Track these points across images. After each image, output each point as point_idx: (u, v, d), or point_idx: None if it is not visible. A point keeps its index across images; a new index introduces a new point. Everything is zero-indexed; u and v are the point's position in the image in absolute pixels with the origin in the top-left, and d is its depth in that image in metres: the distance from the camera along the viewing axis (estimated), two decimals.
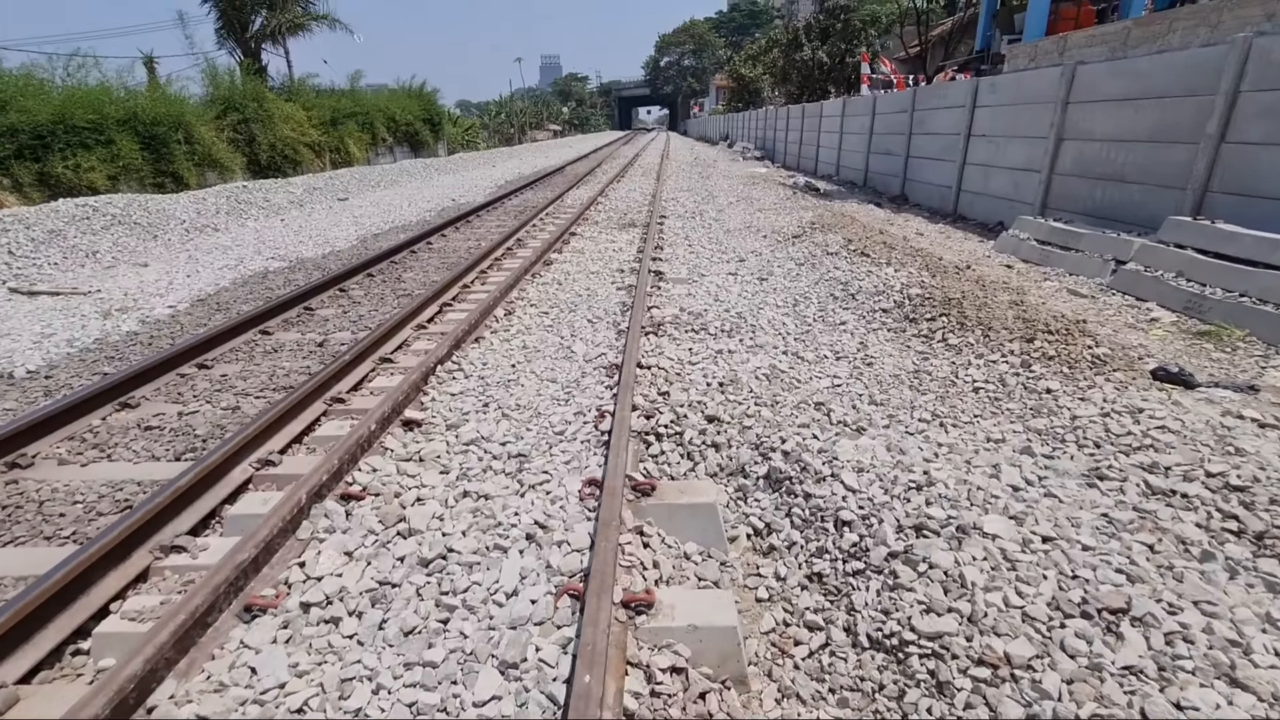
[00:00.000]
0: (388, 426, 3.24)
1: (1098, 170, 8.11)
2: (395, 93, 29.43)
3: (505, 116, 64.42)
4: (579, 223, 9.80)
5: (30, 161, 12.00)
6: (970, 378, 3.94)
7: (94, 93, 13.52)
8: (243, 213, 12.20)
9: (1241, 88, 6.16)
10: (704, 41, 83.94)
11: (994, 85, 10.52)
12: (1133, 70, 7.57)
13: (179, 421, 3.49)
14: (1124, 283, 6.40)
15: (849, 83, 25.95)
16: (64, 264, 8.07)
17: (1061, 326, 4.27)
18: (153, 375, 3.95)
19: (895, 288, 5.39)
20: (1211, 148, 6.44)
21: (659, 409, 3.30)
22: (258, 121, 18.19)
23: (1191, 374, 4.18)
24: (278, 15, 20.74)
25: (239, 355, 4.49)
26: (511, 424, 3.31)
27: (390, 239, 9.22)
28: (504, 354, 4.36)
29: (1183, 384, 4.10)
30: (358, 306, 5.70)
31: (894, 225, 10.42)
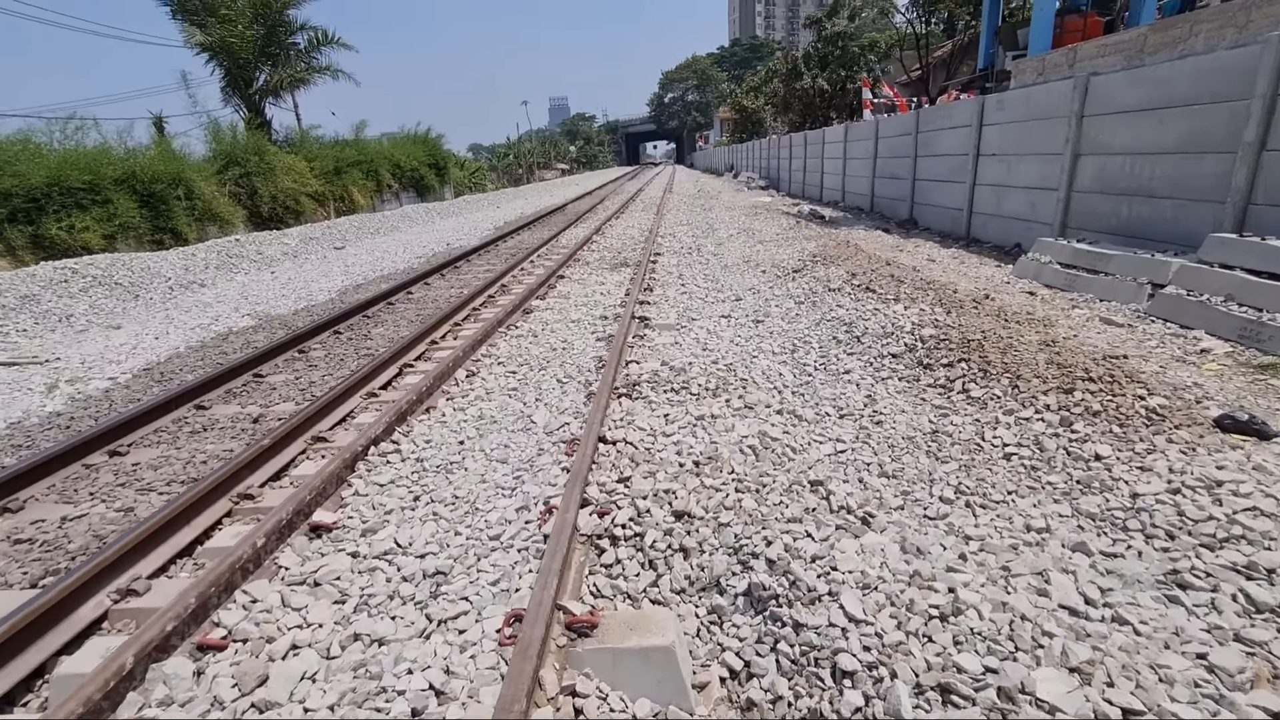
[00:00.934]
0: (289, 535, 2.68)
1: (1121, 186, 7.49)
2: (400, 140, 29.75)
3: (513, 158, 65.40)
4: (569, 264, 9.35)
5: (24, 224, 11.94)
6: (999, 440, 3.29)
7: (91, 154, 13.55)
8: (233, 266, 11.96)
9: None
10: (707, 76, 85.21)
11: (1001, 102, 10.01)
12: (1153, 78, 7.01)
13: (58, 531, 2.97)
14: (1164, 308, 5.73)
15: (851, 109, 25.71)
16: (33, 330, 7.75)
17: (1105, 372, 3.62)
18: (51, 469, 3.45)
19: (906, 328, 4.77)
20: (1252, 156, 5.81)
21: (617, 502, 2.70)
22: (259, 174, 18.25)
23: (1264, 421, 3.50)
24: (279, 71, 21.06)
25: (162, 437, 3.99)
26: (439, 526, 2.73)
27: (371, 289, 8.82)
28: (454, 427, 3.80)
29: (1255, 434, 3.42)
30: (314, 370, 5.21)
31: (903, 252, 9.83)
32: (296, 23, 21.64)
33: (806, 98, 25.85)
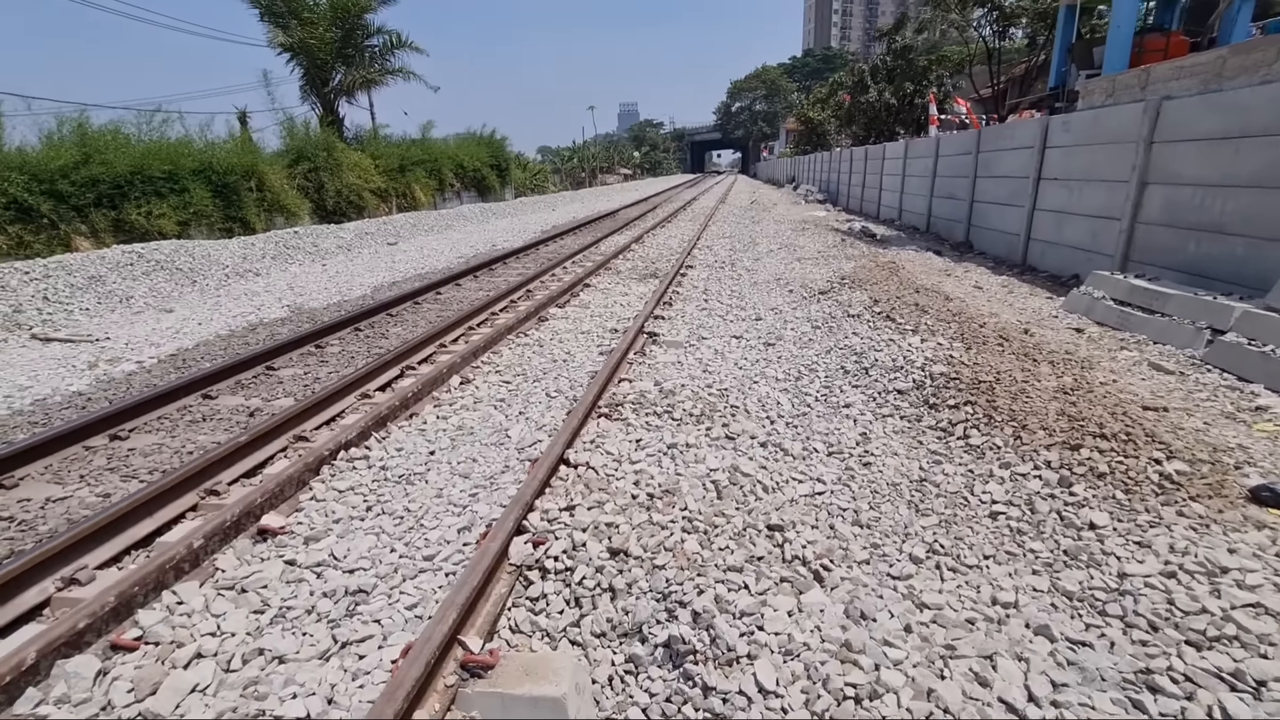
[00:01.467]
0: (234, 537, 2.72)
1: (1190, 219, 6.91)
2: (465, 140, 30.63)
3: (577, 161, 66.40)
4: (600, 272, 9.34)
5: (107, 209, 12.87)
6: (989, 495, 3.03)
7: (172, 146, 14.50)
8: (288, 258, 12.54)
9: None
10: (775, 87, 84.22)
11: (1067, 124, 9.41)
12: (1232, 104, 6.43)
13: (39, 511, 3.12)
14: (1221, 357, 5.22)
15: (918, 124, 24.84)
16: (95, 309, 8.32)
17: (1121, 429, 3.28)
18: (52, 449, 3.65)
19: (917, 362, 4.49)
20: None
21: (556, 532, 2.61)
22: (326, 170, 19.12)
23: None
24: (354, 71, 22.04)
25: (163, 425, 4.17)
26: (379, 540, 2.71)
27: (405, 287, 9.05)
28: (431, 436, 3.81)
29: None
30: (324, 366, 5.36)
31: (949, 277, 9.37)
32: (373, 26, 22.61)
33: (872, 111, 25.13)
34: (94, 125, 13.91)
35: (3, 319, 7.42)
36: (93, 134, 13.30)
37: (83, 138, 13.20)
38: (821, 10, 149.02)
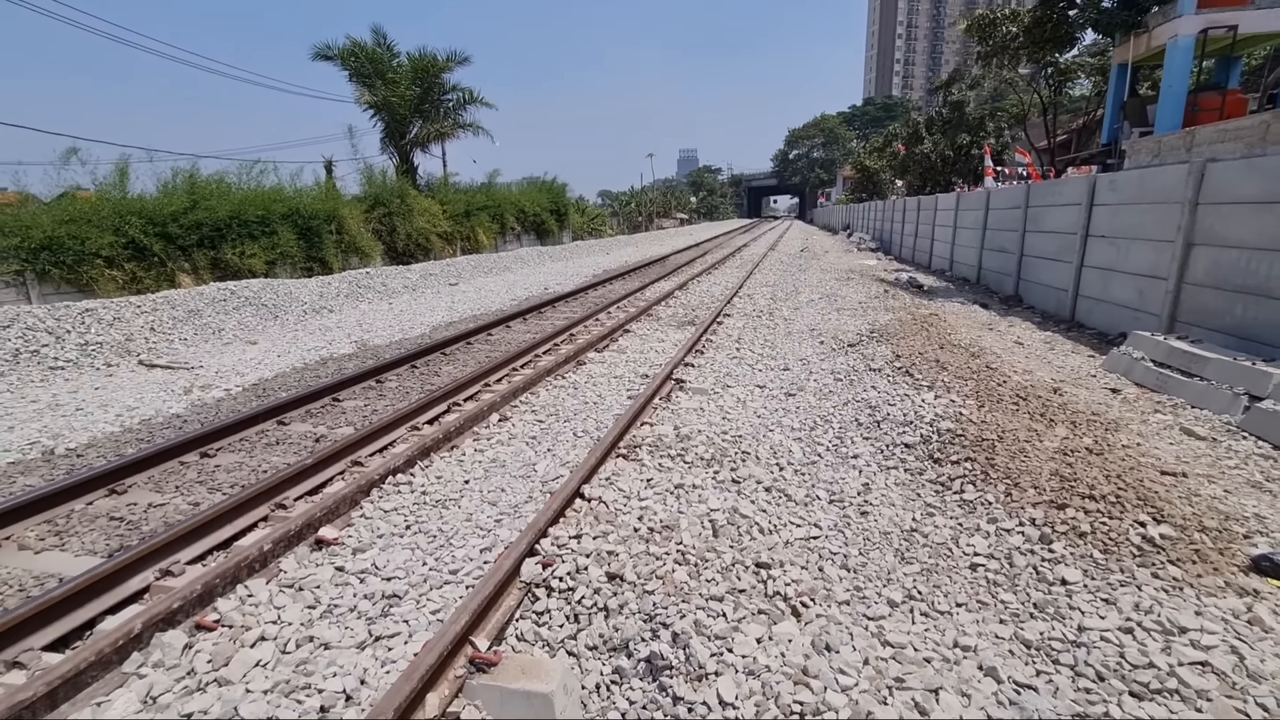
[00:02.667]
0: (296, 544, 3.20)
1: (1236, 282, 6.83)
2: (527, 187, 32.35)
3: (635, 205, 68.33)
4: (641, 318, 9.82)
5: (208, 249, 14.39)
6: (972, 548, 3.21)
7: (266, 193, 16.11)
8: (359, 296, 13.63)
9: None
10: (834, 135, 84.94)
11: (1114, 182, 9.42)
12: (1276, 169, 6.43)
13: (143, 514, 3.72)
14: (1257, 424, 5.15)
15: (976, 175, 24.72)
16: (192, 340, 9.37)
17: (1112, 491, 3.41)
18: (154, 462, 4.29)
19: (926, 418, 4.68)
20: None
21: (563, 556, 2.98)
22: (399, 214, 20.66)
23: None
24: (429, 125, 23.91)
25: (244, 445, 4.80)
26: (414, 555, 3.14)
27: (461, 327, 9.77)
28: (468, 467, 4.27)
29: None
30: (381, 399, 5.97)
31: (991, 331, 9.38)
32: (449, 84, 24.54)
33: (927, 162, 25.19)
34: (202, 175, 15.69)
35: (117, 346, 8.48)
36: (201, 183, 14.97)
37: (192, 186, 14.88)
38: (883, 60, 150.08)
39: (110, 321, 9.05)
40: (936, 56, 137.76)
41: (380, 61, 22.54)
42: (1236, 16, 10.45)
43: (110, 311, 9.30)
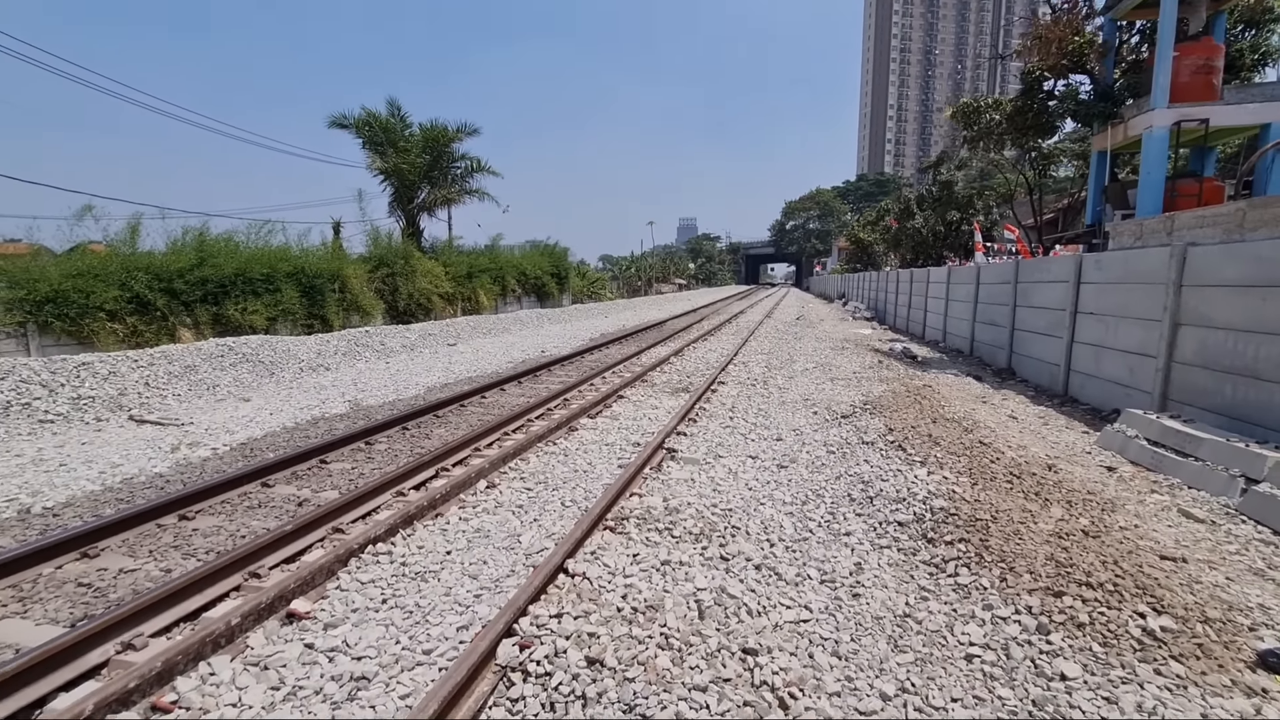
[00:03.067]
0: (267, 618, 3.09)
1: (1225, 363, 6.90)
2: (530, 251, 33.12)
3: (635, 270, 69.80)
4: (636, 384, 9.84)
5: (210, 305, 14.57)
6: (967, 637, 3.10)
7: (273, 252, 16.47)
8: (357, 355, 13.69)
9: None
10: (829, 207, 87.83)
11: (1099, 262, 9.68)
12: (1254, 255, 6.62)
13: (112, 580, 3.60)
14: (1256, 508, 5.09)
15: (966, 249, 25.40)
16: (186, 395, 9.33)
17: (1109, 578, 3.32)
18: (131, 524, 4.19)
19: (919, 495, 4.62)
20: None
21: (541, 636, 2.87)
22: (402, 275, 21.05)
23: None
24: (436, 191, 24.73)
25: (225, 509, 4.70)
26: (388, 632, 3.02)
27: (456, 389, 9.77)
28: (451, 537, 4.17)
29: None
30: (369, 462, 5.89)
31: (985, 405, 9.38)
32: (458, 153, 25.53)
33: (919, 236, 25.94)
34: (212, 233, 16.08)
35: (109, 401, 8.44)
36: (209, 241, 15.32)
37: (201, 244, 15.22)
38: (875, 139, 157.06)
39: (105, 375, 9.04)
40: (926, 136, 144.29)
41: (393, 131, 23.52)
42: (1207, 111, 11.04)
43: (106, 365, 9.31)
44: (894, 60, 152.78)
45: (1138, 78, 13.22)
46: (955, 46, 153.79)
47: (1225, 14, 12.90)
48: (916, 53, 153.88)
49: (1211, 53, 11.66)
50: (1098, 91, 13.61)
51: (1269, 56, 13.29)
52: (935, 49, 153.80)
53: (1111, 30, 13.93)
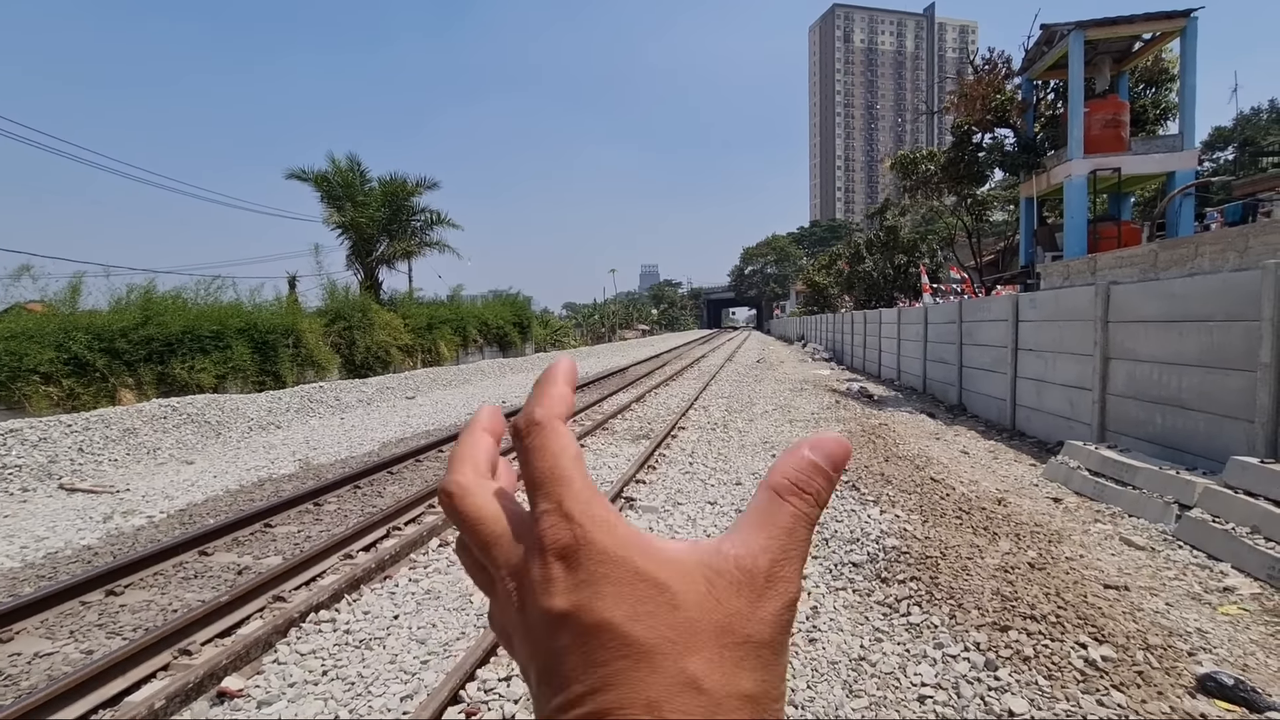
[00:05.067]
0: (195, 698, 2.90)
1: (1153, 394, 7.27)
2: (491, 301, 33.11)
3: (599, 317, 70.30)
4: (596, 432, 9.80)
5: (155, 364, 14.04)
6: (919, 677, 3.11)
7: (223, 308, 16.07)
8: (310, 411, 13.32)
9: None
10: (785, 253, 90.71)
11: (1034, 301, 10.21)
12: (1168, 292, 7.09)
13: (26, 666, 3.35)
14: (1190, 534, 5.30)
15: (915, 290, 26.45)
16: (123, 460, 8.89)
17: (1051, 610, 3.40)
18: (52, 603, 3.92)
19: (872, 535, 4.68)
20: (1271, 378, 5.62)
21: (488, 701, 2.77)
22: (359, 328, 20.73)
23: (1256, 689, 3.15)
24: (395, 244, 24.69)
25: (157, 581, 4.44)
26: (325, 706, 2.88)
27: (412, 444, 9.56)
28: (399, 600, 4.02)
29: (1243, 704, 3.07)
30: (318, 524, 5.68)
31: (938, 441, 9.64)
32: (418, 206, 25.65)
33: (870, 280, 26.94)
34: (159, 290, 15.63)
35: (38, 469, 7.98)
36: (155, 299, 14.88)
37: (147, 302, 14.76)
38: (825, 187, 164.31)
39: (35, 442, 8.57)
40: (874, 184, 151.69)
41: (352, 185, 23.56)
42: (1119, 160, 11.97)
43: (36, 432, 8.84)
44: (839, 114, 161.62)
45: (1055, 131, 14.30)
46: (895, 101, 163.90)
47: (1127, 74, 14.17)
48: (860, 107, 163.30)
49: (1118, 109, 12.74)
50: (1021, 144, 14.66)
51: (1169, 111, 14.60)
52: (876, 103, 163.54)
53: (1029, 89, 15.12)
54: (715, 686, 0.23)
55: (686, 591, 0.24)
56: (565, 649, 0.24)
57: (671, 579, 0.24)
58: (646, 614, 0.24)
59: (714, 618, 0.24)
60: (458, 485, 0.28)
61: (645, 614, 0.24)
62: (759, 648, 0.24)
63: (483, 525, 0.27)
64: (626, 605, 0.24)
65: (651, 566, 0.24)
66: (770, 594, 0.24)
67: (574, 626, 0.24)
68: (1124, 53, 13.86)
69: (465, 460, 0.29)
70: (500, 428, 0.33)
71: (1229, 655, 3.51)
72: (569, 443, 0.28)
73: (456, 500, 0.28)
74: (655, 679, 0.23)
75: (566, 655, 0.24)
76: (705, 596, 0.24)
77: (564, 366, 0.31)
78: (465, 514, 0.28)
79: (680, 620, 0.24)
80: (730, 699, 0.23)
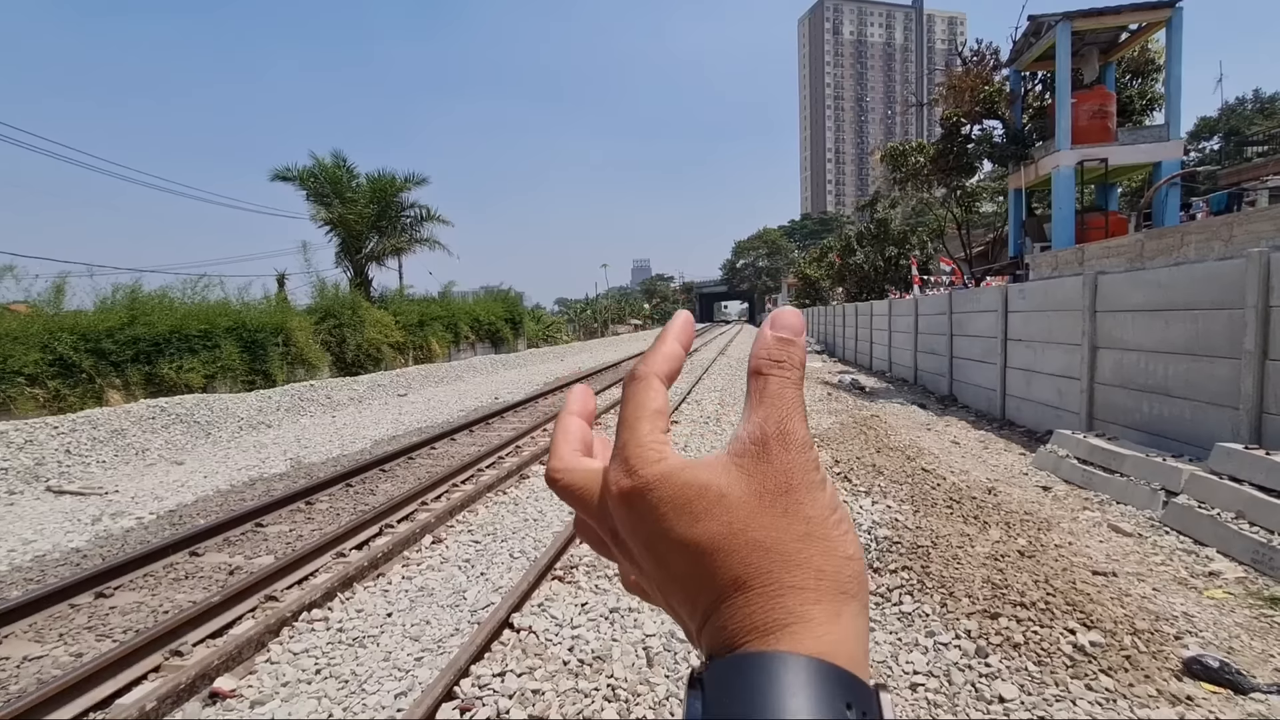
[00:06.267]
0: (187, 699, 2.89)
1: (1140, 382, 7.34)
2: (483, 298, 32.98)
3: (591, 312, 70.18)
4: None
5: (143, 364, 13.89)
6: (911, 665, 3.14)
7: (211, 307, 15.90)
8: (301, 410, 13.24)
9: (1272, 302, 5.57)
10: (776, 246, 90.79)
11: (1023, 292, 10.27)
12: (1154, 281, 7.14)
13: (14, 670, 3.32)
14: (1177, 519, 5.36)
15: (906, 283, 26.56)
16: (111, 462, 8.81)
17: (1040, 597, 3.44)
18: (40, 606, 3.89)
19: (864, 525, 4.71)
20: (1255, 365, 5.68)
21: (483, 697, 2.77)
22: (350, 326, 20.58)
23: (1240, 671, 3.19)
24: (385, 241, 24.51)
25: (147, 582, 4.41)
26: (319, 705, 2.87)
27: (404, 441, 9.52)
28: (393, 598, 4.01)
29: (1228, 686, 3.11)
30: (309, 523, 5.65)
31: (930, 432, 9.70)
32: (407, 202, 25.46)
33: (861, 272, 27.02)
34: (145, 289, 15.45)
35: (25, 471, 7.89)
36: (142, 298, 14.71)
37: (133, 301, 14.59)
38: (816, 180, 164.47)
39: (21, 445, 8.48)
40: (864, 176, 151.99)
41: (339, 182, 23.35)
42: (1106, 151, 12.05)
43: (22, 434, 8.74)
44: (829, 106, 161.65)
45: (1043, 122, 14.37)
46: (884, 93, 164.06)
47: (1114, 65, 14.25)
48: (849, 99, 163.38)
49: (1105, 99, 12.81)
50: (1009, 135, 14.72)
51: (1155, 102, 14.70)
52: (866, 96, 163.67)
53: (1017, 80, 15.17)
54: (776, 540, 0.27)
55: (726, 482, 0.28)
56: (677, 576, 0.28)
57: (711, 479, 0.28)
58: (705, 514, 0.28)
59: (752, 488, 0.28)
60: (553, 469, 0.32)
61: (704, 514, 0.28)
62: (795, 491, 0.28)
63: (579, 497, 0.31)
64: (689, 516, 0.28)
65: (695, 476, 0.28)
66: (784, 448, 0.28)
67: (667, 552, 0.28)
68: (1111, 44, 13.94)
69: (559, 445, 0.34)
70: (590, 407, 0.37)
71: (1215, 638, 3.56)
72: (653, 396, 0.31)
73: (556, 481, 0.32)
74: (734, 559, 0.27)
75: (681, 581, 0.28)
76: (739, 477, 0.28)
77: (679, 323, 0.35)
78: (564, 491, 0.32)
79: (731, 505, 0.27)
80: (792, 542, 0.27)
